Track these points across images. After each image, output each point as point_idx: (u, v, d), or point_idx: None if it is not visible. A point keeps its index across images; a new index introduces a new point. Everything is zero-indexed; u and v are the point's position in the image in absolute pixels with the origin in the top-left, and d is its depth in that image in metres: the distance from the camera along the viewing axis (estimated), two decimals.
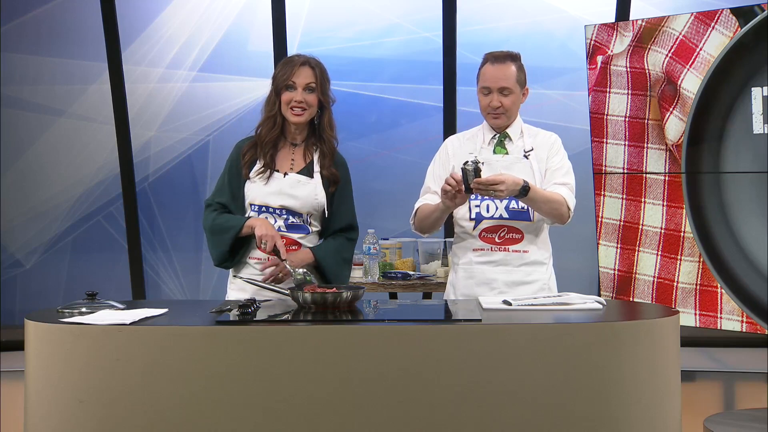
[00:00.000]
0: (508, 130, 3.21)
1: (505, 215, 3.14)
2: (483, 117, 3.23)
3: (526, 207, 3.11)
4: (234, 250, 3.04)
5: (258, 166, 3.04)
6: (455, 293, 3.22)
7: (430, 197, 3.22)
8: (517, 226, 3.13)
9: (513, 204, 3.12)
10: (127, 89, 5.80)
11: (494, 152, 3.19)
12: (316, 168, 3.06)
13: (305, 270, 2.88)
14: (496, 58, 3.16)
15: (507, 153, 3.18)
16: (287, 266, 2.91)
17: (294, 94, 3.00)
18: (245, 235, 3.00)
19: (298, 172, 3.05)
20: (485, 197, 3.07)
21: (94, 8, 5.72)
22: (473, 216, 3.16)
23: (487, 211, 3.14)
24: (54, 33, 5.91)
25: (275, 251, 2.91)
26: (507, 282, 3.12)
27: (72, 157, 5.96)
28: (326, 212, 3.06)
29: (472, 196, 3.06)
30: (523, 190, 2.99)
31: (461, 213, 3.18)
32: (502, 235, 3.13)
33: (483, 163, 2.98)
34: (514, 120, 3.22)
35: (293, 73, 3.00)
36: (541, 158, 3.17)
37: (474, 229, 3.16)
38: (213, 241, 3.04)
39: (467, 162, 2.93)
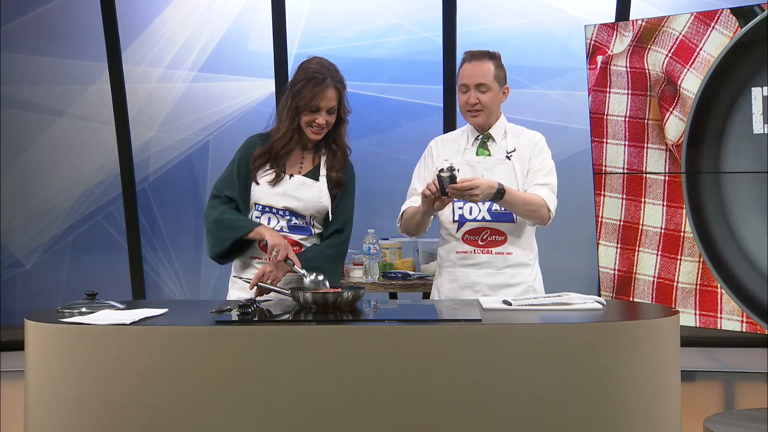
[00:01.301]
0: (491, 131, 3.18)
1: (488, 217, 3.12)
2: (463, 117, 3.21)
3: None
4: (231, 250, 3.03)
5: (267, 169, 3.04)
6: (440, 296, 3.21)
7: (416, 199, 3.21)
8: (500, 228, 3.12)
9: (496, 206, 3.10)
10: (127, 89, 5.80)
11: (477, 154, 3.17)
12: (323, 171, 3.06)
13: (317, 275, 2.86)
14: (473, 56, 3.14)
15: (489, 154, 3.16)
16: (300, 271, 2.90)
17: (317, 116, 2.98)
18: (251, 239, 2.99)
19: (304, 175, 3.05)
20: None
21: (94, 8, 5.72)
22: (456, 218, 3.15)
23: (470, 214, 3.13)
24: (54, 33, 5.91)
25: (287, 260, 2.91)
26: (490, 285, 3.10)
27: (72, 157, 5.96)
28: (329, 215, 3.06)
29: (455, 199, 3.05)
30: (499, 194, 2.97)
31: (445, 215, 3.17)
32: (485, 237, 3.12)
33: (458, 170, 2.94)
34: (495, 119, 3.19)
35: (322, 97, 2.96)
36: (523, 158, 3.14)
37: (457, 231, 3.15)
38: (215, 234, 3.01)
39: (442, 169, 2.92)
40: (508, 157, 3.14)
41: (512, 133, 3.19)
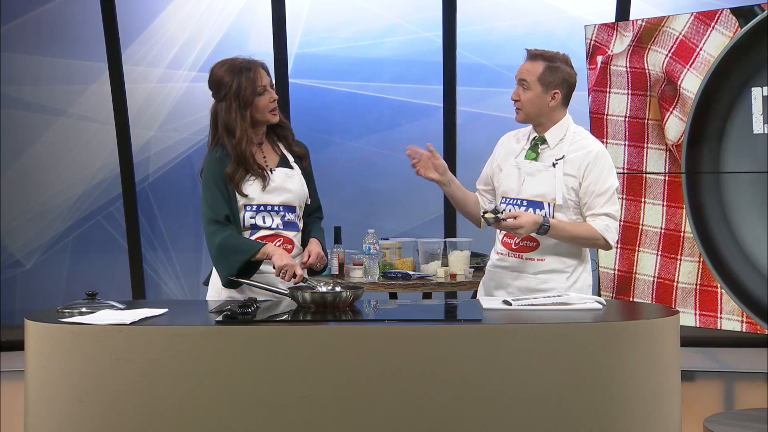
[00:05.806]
0: (546, 134, 3.06)
1: None
2: None
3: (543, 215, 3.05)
4: (241, 272, 2.96)
5: (250, 178, 2.99)
6: (482, 293, 3.23)
7: (481, 189, 3.27)
8: (532, 234, 3.02)
9: (530, 212, 3.06)
10: (127, 89, 5.80)
11: (525, 157, 3.09)
12: (290, 157, 3.07)
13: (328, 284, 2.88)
14: (529, 54, 3.06)
15: (536, 159, 3.07)
16: (311, 283, 2.88)
17: (269, 95, 3.01)
18: (258, 260, 2.94)
19: (278, 166, 3.05)
20: (510, 202, 3.07)
21: (94, 8, 5.73)
22: None
23: None
24: (54, 33, 5.91)
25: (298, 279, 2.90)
26: (521, 288, 3.05)
27: (72, 157, 5.96)
28: (309, 200, 3.09)
29: (500, 199, 3.11)
30: (542, 229, 2.94)
31: None
32: (518, 242, 3.08)
33: (502, 211, 2.98)
34: (550, 122, 3.06)
35: (260, 77, 3.00)
36: (571, 169, 3.02)
37: (499, 231, 3.14)
38: (221, 260, 2.95)
39: (486, 211, 2.98)
40: (554, 165, 3.04)
41: (571, 140, 3.07)
